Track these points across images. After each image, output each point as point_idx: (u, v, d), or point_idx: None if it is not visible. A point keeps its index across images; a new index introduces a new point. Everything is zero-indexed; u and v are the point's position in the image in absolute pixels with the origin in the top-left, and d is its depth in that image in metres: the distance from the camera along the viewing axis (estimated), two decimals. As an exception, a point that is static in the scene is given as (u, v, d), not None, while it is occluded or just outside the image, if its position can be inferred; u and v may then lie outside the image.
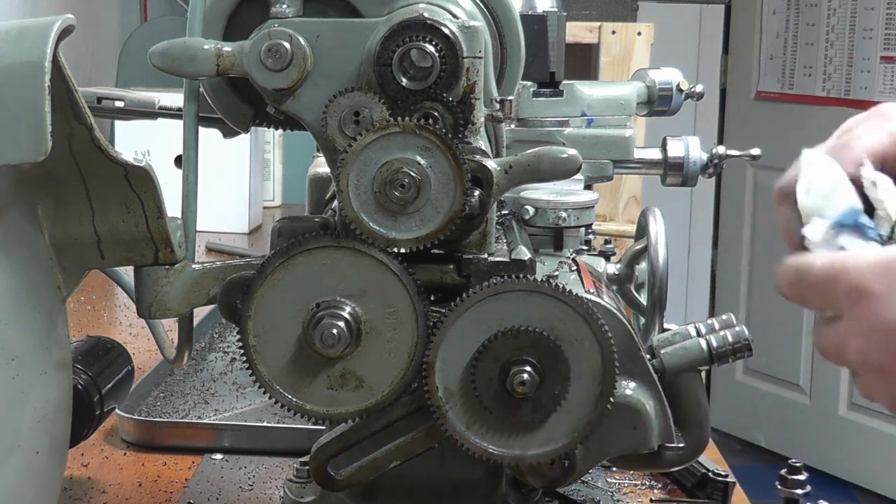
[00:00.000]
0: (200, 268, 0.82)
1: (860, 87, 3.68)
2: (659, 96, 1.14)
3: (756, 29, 4.07)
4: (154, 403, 1.32)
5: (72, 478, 1.11)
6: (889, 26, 3.60)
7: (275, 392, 0.78)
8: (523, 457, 0.77)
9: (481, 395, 0.75)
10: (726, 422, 4.12)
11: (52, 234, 0.78)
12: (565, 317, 0.76)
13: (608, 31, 2.46)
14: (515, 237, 0.86)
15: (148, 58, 0.78)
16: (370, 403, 0.78)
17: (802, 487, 0.99)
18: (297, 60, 0.78)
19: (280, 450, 1.18)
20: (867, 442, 3.70)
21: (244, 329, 0.78)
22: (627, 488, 1.08)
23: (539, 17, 1.03)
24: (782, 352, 3.92)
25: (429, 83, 0.77)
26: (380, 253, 0.77)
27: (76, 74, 0.70)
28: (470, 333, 0.76)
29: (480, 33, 0.78)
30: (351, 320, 0.76)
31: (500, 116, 0.81)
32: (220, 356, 1.52)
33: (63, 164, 0.76)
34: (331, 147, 0.78)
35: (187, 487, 1.10)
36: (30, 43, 0.68)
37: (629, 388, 0.81)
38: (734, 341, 0.84)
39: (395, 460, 0.81)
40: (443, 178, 0.76)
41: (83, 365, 0.98)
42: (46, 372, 0.75)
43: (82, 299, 1.80)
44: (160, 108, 1.05)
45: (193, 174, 0.82)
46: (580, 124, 1.08)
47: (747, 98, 4.13)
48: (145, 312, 0.82)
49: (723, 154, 1.10)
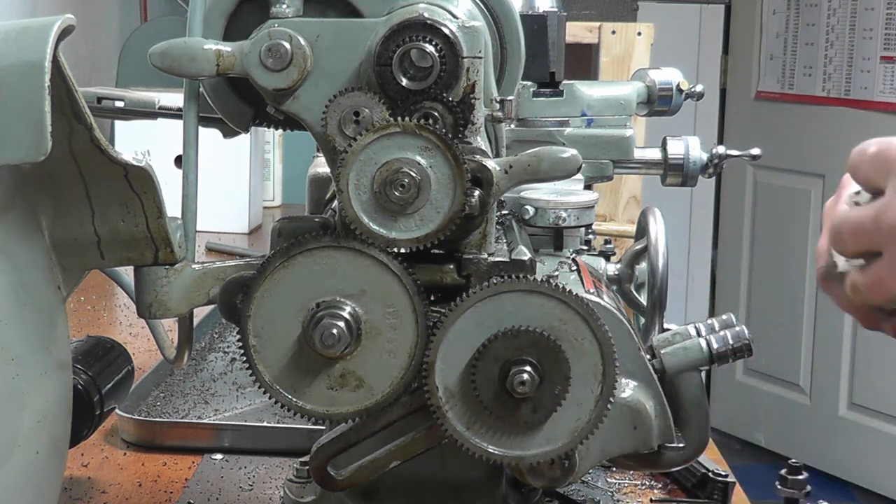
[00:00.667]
0: (200, 268, 0.82)
1: (860, 87, 3.68)
2: (659, 96, 1.14)
3: (756, 29, 4.06)
4: (154, 403, 1.32)
5: (72, 478, 1.11)
6: (889, 26, 3.60)
7: (275, 392, 0.78)
8: (523, 457, 0.78)
9: (481, 395, 0.75)
10: (726, 422, 4.12)
11: (52, 234, 0.78)
12: (565, 317, 0.76)
13: (608, 31, 2.46)
14: (515, 237, 0.86)
15: (148, 58, 0.78)
16: (370, 403, 0.78)
17: (802, 487, 0.99)
18: (297, 60, 0.78)
19: (280, 450, 1.18)
20: (867, 442, 3.70)
21: (244, 329, 0.78)
22: (627, 488, 1.09)
23: (539, 17, 1.03)
24: (782, 352, 3.92)
25: (429, 83, 0.77)
26: (380, 253, 0.77)
27: (76, 74, 0.70)
28: (470, 333, 0.76)
29: (480, 33, 0.78)
30: (351, 320, 0.76)
31: (500, 116, 0.81)
32: (220, 356, 1.53)
33: (63, 164, 0.76)
34: (331, 147, 0.78)
35: (187, 487, 1.10)
36: (30, 43, 0.68)
37: (629, 388, 0.81)
38: (734, 342, 0.85)
39: (395, 460, 0.81)
40: (443, 178, 0.76)
41: (83, 365, 0.98)
42: (46, 372, 0.75)
43: (82, 299, 1.80)
44: (160, 108, 1.05)
45: (193, 174, 0.82)
46: (580, 124, 1.08)
47: (747, 98, 4.13)
48: (145, 312, 0.82)
49: (723, 154, 1.10)
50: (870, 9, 3.65)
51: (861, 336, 3.66)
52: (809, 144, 3.86)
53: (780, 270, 3.95)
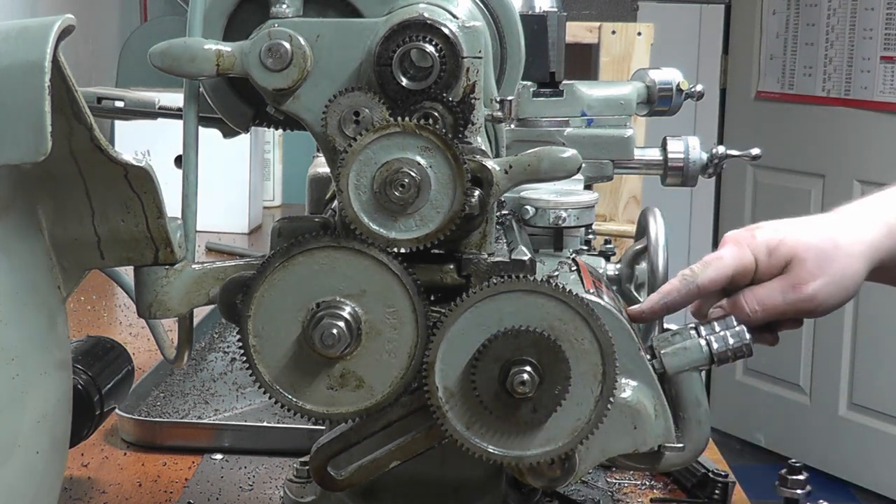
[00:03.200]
0: (200, 268, 0.82)
1: (860, 87, 3.68)
2: (659, 96, 1.14)
3: (756, 29, 4.06)
4: (154, 403, 1.32)
5: (72, 478, 1.11)
6: (889, 26, 3.60)
7: (275, 392, 0.78)
8: (523, 457, 0.77)
9: (481, 395, 0.75)
10: (726, 422, 4.12)
11: (52, 234, 0.78)
12: (565, 317, 0.76)
13: (608, 31, 2.46)
14: (515, 237, 0.86)
15: (148, 58, 0.78)
16: (370, 403, 0.78)
17: (802, 487, 0.99)
18: (297, 60, 0.78)
19: (280, 450, 1.18)
20: (867, 442, 3.70)
21: (244, 329, 0.78)
22: (627, 488, 1.09)
23: (539, 17, 1.03)
24: (782, 352, 3.92)
25: (429, 83, 0.77)
26: (380, 253, 0.77)
27: (76, 74, 0.70)
28: (470, 333, 0.76)
29: (480, 33, 0.78)
30: (351, 320, 0.76)
31: (500, 116, 0.81)
32: (220, 356, 1.53)
33: (63, 164, 0.76)
34: (331, 147, 0.78)
35: (187, 487, 1.10)
36: (30, 43, 0.68)
37: (629, 388, 0.81)
38: (734, 342, 0.85)
39: (395, 460, 0.81)
40: (443, 178, 0.76)
41: (83, 365, 0.98)
42: (46, 372, 0.75)
43: (82, 299, 1.80)
44: (160, 108, 1.05)
45: (193, 174, 0.82)
46: (580, 124, 1.08)
47: (747, 98, 4.13)
48: (145, 312, 0.82)
49: (723, 154, 1.10)
50: (870, 9, 3.64)
51: (861, 336, 3.66)
52: (809, 144, 3.86)
53: (779, 270, 3.93)
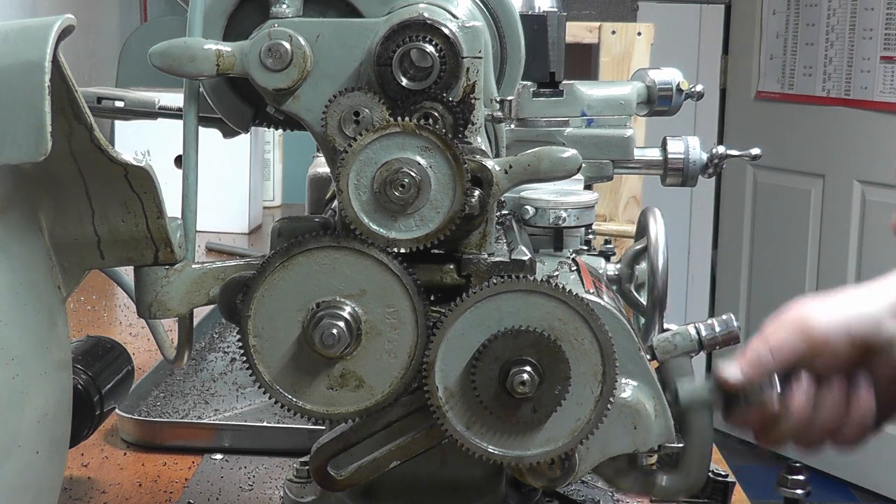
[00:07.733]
0: (200, 268, 0.82)
1: (860, 87, 3.68)
2: (659, 96, 1.14)
3: (756, 29, 4.06)
4: (154, 403, 1.32)
5: (72, 478, 1.11)
6: (889, 26, 3.60)
7: (275, 392, 0.78)
8: (523, 457, 0.78)
9: (481, 395, 0.75)
10: (726, 422, 4.12)
11: (52, 234, 0.78)
12: (565, 317, 0.76)
13: (608, 31, 2.46)
14: (515, 237, 0.86)
15: (148, 58, 0.78)
16: (370, 403, 0.78)
17: (802, 487, 0.99)
18: (297, 60, 0.78)
19: (280, 450, 1.18)
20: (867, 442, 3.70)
21: (244, 329, 0.78)
22: (627, 488, 1.08)
23: (539, 17, 1.03)
24: (782, 352, 3.91)
25: (429, 83, 0.77)
26: (380, 253, 0.77)
27: (76, 74, 0.70)
28: (470, 333, 0.76)
29: (480, 33, 0.78)
30: (351, 320, 0.76)
31: (500, 116, 0.81)
32: (220, 356, 1.53)
33: (63, 164, 0.76)
34: (331, 147, 0.78)
35: (187, 487, 1.10)
36: (30, 43, 0.68)
37: (629, 388, 0.81)
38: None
39: (395, 460, 0.81)
40: (443, 178, 0.76)
41: (83, 365, 0.98)
42: (46, 372, 0.75)
43: (82, 299, 1.80)
44: (160, 108, 1.05)
45: (193, 174, 0.82)
46: (580, 124, 1.08)
47: (747, 98, 4.13)
48: (145, 312, 0.82)
49: (723, 154, 1.10)
50: (870, 9, 3.65)
51: (861, 336, 3.66)
52: (809, 144, 3.86)
53: (780, 270, 3.95)
